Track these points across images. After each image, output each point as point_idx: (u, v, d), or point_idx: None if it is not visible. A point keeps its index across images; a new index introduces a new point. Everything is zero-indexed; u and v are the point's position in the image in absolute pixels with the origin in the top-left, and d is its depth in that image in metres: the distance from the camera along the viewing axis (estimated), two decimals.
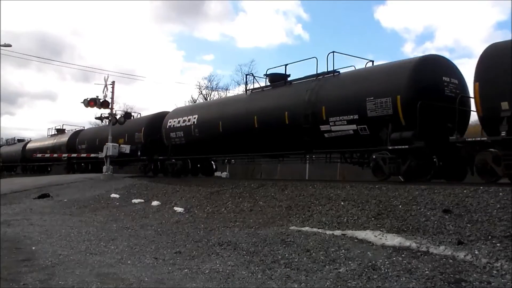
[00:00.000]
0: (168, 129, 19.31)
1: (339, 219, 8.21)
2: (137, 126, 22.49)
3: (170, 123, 19.27)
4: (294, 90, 14.03)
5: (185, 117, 18.40)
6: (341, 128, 11.97)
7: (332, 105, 12.23)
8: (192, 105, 23.51)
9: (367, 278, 5.23)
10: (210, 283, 5.31)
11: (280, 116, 13.65)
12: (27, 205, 14.59)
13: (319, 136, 12.60)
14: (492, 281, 4.81)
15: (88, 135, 28.86)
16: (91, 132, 29.65)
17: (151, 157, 20.94)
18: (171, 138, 19.08)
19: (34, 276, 5.60)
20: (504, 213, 6.72)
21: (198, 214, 10.83)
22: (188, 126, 18.02)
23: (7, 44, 27.37)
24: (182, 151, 18.79)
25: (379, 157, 11.22)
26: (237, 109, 15.95)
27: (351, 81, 12.41)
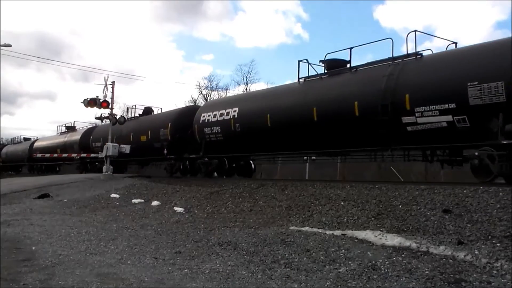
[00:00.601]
0: (201, 124, 17.38)
1: (339, 219, 8.21)
2: (162, 121, 20.41)
3: (204, 118, 17.28)
4: (364, 77, 12.18)
5: (223, 110, 16.44)
6: (430, 119, 10.17)
7: (419, 92, 10.45)
8: (230, 97, 20.50)
9: (367, 278, 5.23)
10: (210, 283, 5.31)
11: (347, 107, 11.84)
12: (27, 205, 14.58)
13: (399, 129, 10.83)
14: (492, 281, 4.81)
15: (103, 132, 26.13)
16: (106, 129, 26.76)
17: (179, 155, 19.19)
18: (205, 134, 17.08)
19: (34, 276, 5.60)
20: (504, 213, 6.72)
21: (198, 214, 10.83)
22: (227, 121, 16.07)
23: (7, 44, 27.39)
24: (219, 148, 16.83)
25: (483, 154, 9.44)
26: (290, 100, 14.02)
27: (443, 64, 10.54)
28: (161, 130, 19.92)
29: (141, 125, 21.60)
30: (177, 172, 19.85)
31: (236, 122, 15.67)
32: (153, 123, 21.08)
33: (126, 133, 22.76)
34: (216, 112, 16.75)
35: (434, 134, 10.31)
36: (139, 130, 21.46)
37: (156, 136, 20.14)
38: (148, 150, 20.94)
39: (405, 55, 11.51)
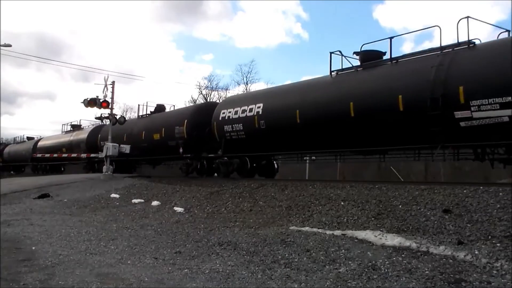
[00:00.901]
0: (221, 122, 16.25)
1: (339, 219, 8.22)
2: (177, 119, 19.22)
3: (224, 114, 16.18)
4: (408, 68, 11.21)
5: (245, 107, 15.33)
6: (489, 114, 9.21)
7: (475, 84, 9.50)
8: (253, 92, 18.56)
9: (367, 278, 5.23)
10: (210, 283, 5.31)
11: (390, 101, 10.88)
12: (27, 205, 14.57)
13: (451, 125, 9.88)
14: (492, 281, 4.81)
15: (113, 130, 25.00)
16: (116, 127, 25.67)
17: (196, 154, 18.12)
18: (226, 132, 15.98)
19: (34, 276, 5.60)
20: (504, 213, 6.73)
21: (198, 214, 10.83)
22: (250, 117, 14.97)
23: (7, 44, 27.37)
24: (240, 147, 15.74)
25: None
26: (322, 95, 13.02)
27: (503, 52, 9.49)
28: (176, 128, 18.70)
29: (154, 123, 20.57)
30: (193, 172, 18.73)
31: (260, 119, 14.56)
32: (167, 120, 19.93)
33: (137, 131, 21.78)
34: (238, 109, 15.65)
35: (492, 130, 9.32)
36: (152, 128, 20.42)
37: (171, 134, 18.98)
38: (162, 149, 19.88)
39: (455, 44, 10.59)
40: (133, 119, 22.62)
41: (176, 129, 18.66)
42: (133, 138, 21.56)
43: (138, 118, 23.70)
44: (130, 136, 21.83)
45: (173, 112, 21.26)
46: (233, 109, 15.94)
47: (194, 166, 18.54)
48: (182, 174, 19.20)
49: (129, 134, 22.08)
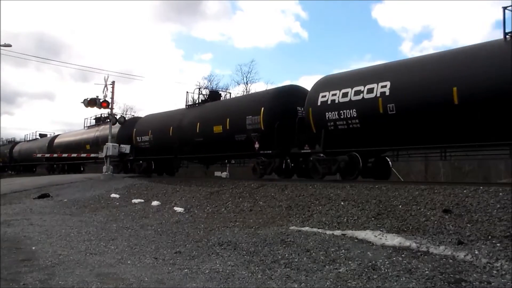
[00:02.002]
0: (320, 108, 12.86)
1: (339, 219, 8.22)
2: (249, 106, 15.72)
3: (325, 98, 12.77)
4: None
5: (360, 87, 11.89)
6: None
7: None
8: (370, 68, 13.15)
9: (367, 278, 5.23)
10: (210, 283, 5.31)
11: None
12: (27, 205, 14.58)
13: None
14: (492, 281, 4.81)
15: (152, 123, 21.54)
16: (157, 119, 21.89)
17: (281, 150, 14.51)
18: (328, 121, 12.60)
19: (34, 276, 5.60)
20: (504, 213, 6.73)
21: (198, 214, 10.83)
22: (369, 101, 11.51)
23: (7, 44, 27.35)
24: (350, 139, 12.38)
25: None
26: (493, 66, 9.50)
27: None
28: (247, 118, 15.17)
29: (212, 113, 17.21)
30: (271, 173, 15.17)
31: (387, 101, 11.07)
32: (234, 109, 16.46)
33: (188, 124, 18.47)
34: (347, 90, 12.18)
35: None
36: (211, 118, 17.04)
37: (240, 125, 15.44)
38: (225, 144, 16.37)
39: None
40: (180, 109, 19.36)
41: (248, 120, 15.07)
42: (182, 131, 18.45)
43: (186, 108, 19.96)
44: (178, 129, 18.72)
45: (243, 98, 17.86)
46: (339, 91, 12.41)
47: (275, 165, 14.81)
48: (256, 175, 15.51)
49: (176, 127, 18.84)
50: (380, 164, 13.09)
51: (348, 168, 12.45)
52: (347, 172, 12.59)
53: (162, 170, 21.67)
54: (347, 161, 12.43)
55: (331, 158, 12.89)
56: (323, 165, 13.16)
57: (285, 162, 14.87)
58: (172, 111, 21.40)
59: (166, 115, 21.38)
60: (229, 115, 16.21)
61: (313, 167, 13.62)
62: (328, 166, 12.99)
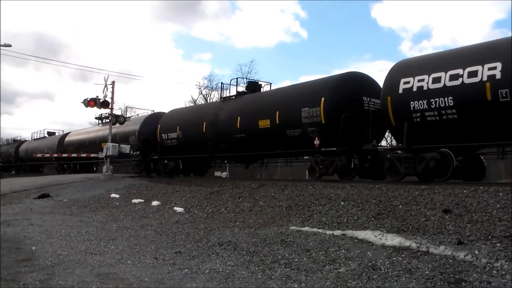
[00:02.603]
0: (403, 96, 10.82)
1: (339, 219, 8.22)
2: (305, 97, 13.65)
3: (409, 85, 10.76)
4: None
5: (457, 70, 9.95)
6: None
7: None
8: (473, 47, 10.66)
9: (367, 278, 5.23)
10: (210, 283, 5.31)
11: None
12: (27, 205, 14.59)
13: None
14: (492, 281, 4.81)
15: (180, 118, 19.47)
16: (185, 114, 20.03)
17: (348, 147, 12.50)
18: (413, 111, 10.60)
19: (34, 276, 5.60)
20: (504, 213, 6.73)
21: (198, 214, 10.83)
22: (471, 86, 9.66)
23: (7, 44, 27.35)
24: (442, 133, 10.39)
25: None
26: None
27: None
28: (303, 111, 13.26)
29: (257, 105, 15.39)
30: (333, 173, 13.15)
31: (498, 86, 9.24)
32: (285, 100, 14.43)
33: (226, 118, 16.49)
34: (439, 74, 10.22)
35: None
36: (255, 112, 15.15)
37: (293, 119, 13.62)
38: (274, 141, 14.42)
39: None
40: (213, 103, 17.71)
41: (305, 112, 13.24)
42: (218, 127, 16.56)
43: (222, 101, 18.09)
44: (213, 124, 16.81)
45: (296, 88, 15.14)
46: (428, 75, 10.44)
47: (340, 164, 12.73)
48: (312, 176, 13.78)
49: (211, 123, 16.91)
50: (472, 163, 11.03)
51: (438, 168, 10.36)
52: (436, 172, 10.44)
53: (190, 170, 19.68)
54: (438, 159, 10.29)
55: (415, 155, 10.72)
56: (405, 164, 11.00)
57: (347, 161, 12.70)
58: (204, 104, 20.66)
59: (196, 109, 19.85)
60: (279, 108, 14.24)
61: (390, 166, 11.49)
62: (411, 165, 10.86)
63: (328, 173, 13.05)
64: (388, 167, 11.55)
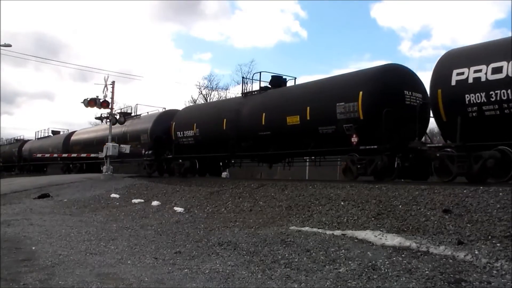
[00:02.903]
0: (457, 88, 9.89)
1: (339, 219, 8.22)
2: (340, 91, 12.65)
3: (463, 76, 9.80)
4: None
5: None
6: None
7: None
8: None
9: (367, 278, 5.23)
10: (210, 283, 5.31)
11: None
12: (27, 205, 14.59)
13: None
14: (492, 281, 4.81)
15: (198, 115, 18.30)
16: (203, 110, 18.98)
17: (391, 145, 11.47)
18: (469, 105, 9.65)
19: (34, 276, 5.60)
20: (504, 213, 6.73)
21: (198, 214, 10.83)
22: None
23: (7, 44, 27.36)
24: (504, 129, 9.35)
25: None
26: None
27: None
28: (338, 106, 12.20)
29: (284, 101, 14.27)
30: (372, 173, 12.04)
31: None
32: (317, 95, 13.26)
33: (249, 115, 15.39)
34: (501, 64, 9.22)
35: None
36: (282, 107, 14.06)
37: (327, 114, 12.56)
38: (304, 138, 13.36)
39: None
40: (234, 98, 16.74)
41: (340, 107, 12.15)
42: (241, 124, 15.50)
43: (243, 97, 16.84)
44: (234, 121, 15.81)
45: (329, 81, 13.87)
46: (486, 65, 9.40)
47: (381, 163, 11.55)
48: (348, 177, 12.63)
49: (232, 120, 15.86)
50: None
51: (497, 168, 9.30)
52: (494, 172, 9.41)
53: (207, 170, 18.72)
54: (498, 158, 9.20)
55: (470, 154, 9.74)
56: (458, 164, 9.95)
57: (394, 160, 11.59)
58: (224, 100, 18.98)
59: (216, 105, 18.50)
60: (310, 103, 13.14)
61: (440, 166, 10.45)
62: (465, 164, 9.81)
63: (367, 173, 12.03)
64: (437, 167, 10.54)
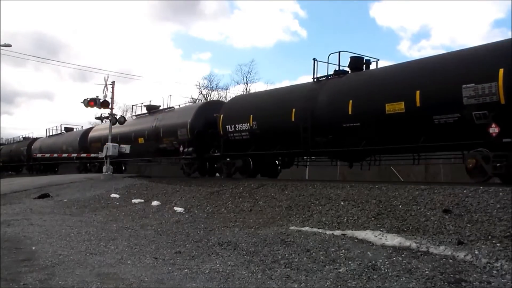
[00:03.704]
0: None
1: (339, 219, 8.22)
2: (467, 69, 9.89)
3: None
4: None
5: None
6: None
7: None
8: None
9: (367, 278, 5.23)
10: (210, 283, 5.31)
11: None
12: (27, 205, 14.59)
13: None
14: (492, 281, 4.81)
15: (255, 105, 15.46)
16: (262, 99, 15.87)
17: None
18: None
19: (34, 276, 5.60)
20: (504, 213, 6.73)
21: (198, 214, 10.83)
22: None
23: (7, 44, 27.36)
24: None
25: None
26: None
27: None
28: (465, 88, 9.63)
29: (381, 84, 11.84)
30: None
31: None
32: (431, 75, 10.67)
33: (329, 102, 12.80)
34: None
35: None
36: (379, 92, 11.62)
37: (446, 99, 10.11)
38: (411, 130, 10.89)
39: None
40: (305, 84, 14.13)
41: (468, 90, 9.55)
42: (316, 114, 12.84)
43: (316, 82, 13.87)
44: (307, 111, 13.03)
45: (448, 58, 11.11)
46: None
47: None
48: (473, 178, 9.85)
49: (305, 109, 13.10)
50: None
51: None
52: None
53: (262, 170, 15.96)
54: None
55: None
56: None
57: None
58: (291, 87, 15.26)
59: (280, 92, 15.29)
60: (421, 86, 10.61)
61: None
62: None
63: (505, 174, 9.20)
64: None
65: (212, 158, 17.30)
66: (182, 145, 17.80)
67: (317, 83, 13.84)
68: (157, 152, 19.27)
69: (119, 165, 25.46)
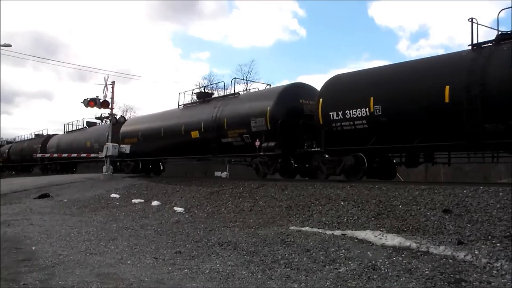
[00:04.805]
0: None
1: (339, 219, 8.22)
2: None
3: None
4: None
5: None
6: None
7: None
8: None
9: (367, 278, 5.23)
10: (210, 283, 5.31)
11: None
12: (27, 205, 14.59)
13: None
14: (492, 281, 4.81)
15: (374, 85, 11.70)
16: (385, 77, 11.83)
17: None
18: None
19: (34, 276, 5.60)
20: (504, 213, 6.73)
21: (198, 214, 10.83)
22: None
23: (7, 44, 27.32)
24: None
25: None
26: None
27: None
28: None
29: None
30: None
31: None
32: None
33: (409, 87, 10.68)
34: None
35: None
36: None
37: None
38: None
39: None
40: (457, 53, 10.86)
41: None
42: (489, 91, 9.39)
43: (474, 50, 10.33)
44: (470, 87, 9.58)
45: None
46: None
47: None
48: None
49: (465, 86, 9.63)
50: None
51: None
52: None
53: (376, 170, 12.57)
54: None
55: None
56: None
57: None
58: (433, 57, 11.68)
59: (417, 66, 11.41)
60: None
61: None
62: None
63: None
64: None
65: (301, 154, 13.84)
66: (258, 138, 14.40)
67: (479, 51, 10.26)
68: (219, 149, 15.70)
69: (157, 165, 22.15)
